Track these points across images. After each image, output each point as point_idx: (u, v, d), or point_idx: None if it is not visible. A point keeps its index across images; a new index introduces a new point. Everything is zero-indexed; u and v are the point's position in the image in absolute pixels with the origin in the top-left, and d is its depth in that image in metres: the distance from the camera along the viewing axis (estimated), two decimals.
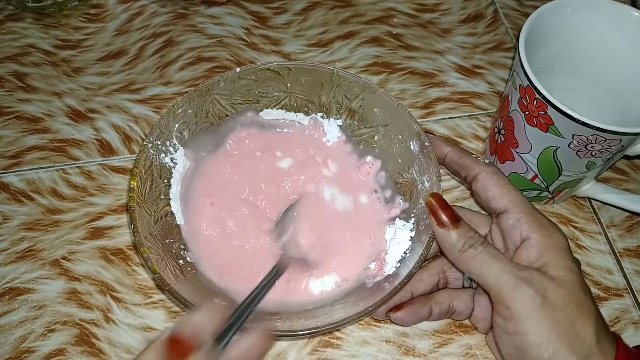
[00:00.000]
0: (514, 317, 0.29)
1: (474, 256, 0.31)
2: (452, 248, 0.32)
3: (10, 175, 0.44)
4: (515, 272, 0.30)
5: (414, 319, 0.36)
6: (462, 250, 0.31)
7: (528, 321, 0.29)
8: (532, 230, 0.32)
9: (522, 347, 0.29)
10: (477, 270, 0.31)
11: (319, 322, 0.32)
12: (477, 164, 0.34)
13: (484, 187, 0.34)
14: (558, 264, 0.31)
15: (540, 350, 0.29)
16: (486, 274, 0.30)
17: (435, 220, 0.32)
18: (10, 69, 0.50)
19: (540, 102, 0.35)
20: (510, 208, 0.32)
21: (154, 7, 0.55)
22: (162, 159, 0.38)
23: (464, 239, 0.31)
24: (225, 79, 0.39)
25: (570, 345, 0.29)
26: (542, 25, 0.38)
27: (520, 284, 0.29)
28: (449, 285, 0.37)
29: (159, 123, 0.37)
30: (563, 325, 0.29)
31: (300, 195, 0.40)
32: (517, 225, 0.32)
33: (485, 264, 0.30)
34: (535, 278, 0.30)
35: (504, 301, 0.30)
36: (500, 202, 0.33)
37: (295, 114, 0.42)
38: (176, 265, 0.34)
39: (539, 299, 0.29)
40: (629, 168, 0.47)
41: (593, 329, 0.29)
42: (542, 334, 0.29)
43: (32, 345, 0.37)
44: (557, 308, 0.29)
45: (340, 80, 0.40)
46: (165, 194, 0.38)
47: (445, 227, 0.32)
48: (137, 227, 0.33)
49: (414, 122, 0.37)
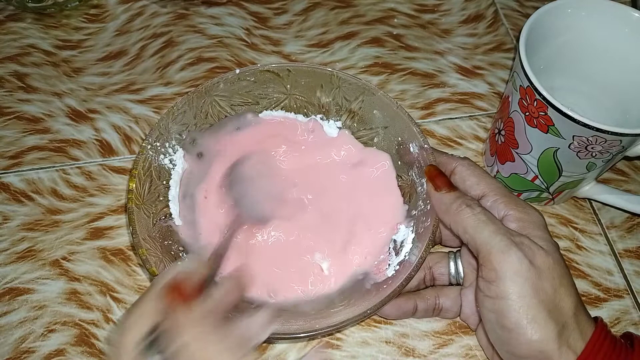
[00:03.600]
0: (498, 279, 0.29)
1: (470, 215, 0.31)
2: (449, 207, 0.32)
3: (11, 176, 0.44)
4: (507, 235, 0.30)
5: (398, 313, 0.36)
6: (459, 209, 0.32)
7: (512, 284, 0.29)
8: (509, 208, 0.32)
9: (502, 310, 0.29)
10: (472, 229, 0.31)
11: (317, 325, 0.32)
12: (452, 159, 0.36)
13: (461, 178, 0.35)
14: (539, 236, 0.31)
15: (519, 314, 0.29)
16: (480, 234, 0.30)
17: (433, 185, 0.34)
18: (10, 69, 0.50)
19: (541, 102, 0.35)
20: (487, 192, 0.34)
21: (154, 7, 0.55)
22: (161, 160, 0.38)
23: (460, 199, 0.32)
24: (225, 80, 0.39)
25: (550, 312, 0.29)
26: (542, 26, 0.38)
27: (510, 247, 0.30)
28: (435, 282, 0.38)
29: (158, 124, 0.37)
30: (545, 292, 0.29)
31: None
32: (494, 206, 0.33)
33: (481, 224, 0.31)
34: (525, 243, 0.30)
35: (492, 262, 0.30)
36: (477, 189, 0.34)
37: (295, 116, 0.42)
38: None
39: (525, 262, 0.29)
40: (629, 169, 0.47)
41: (572, 301, 0.30)
42: (524, 299, 0.29)
43: (32, 346, 0.37)
44: (542, 275, 0.29)
45: (340, 82, 0.40)
46: (164, 195, 0.38)
47: (442, 190, 0.33)
48: (136, 229, 0.33)
49: (414, 124, 0.37)
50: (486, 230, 0.30)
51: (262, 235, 0.38)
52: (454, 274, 0.37)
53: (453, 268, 0.37)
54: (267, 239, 0.38)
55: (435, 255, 0.38)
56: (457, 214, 0.32)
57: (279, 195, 0.40)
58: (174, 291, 0.28)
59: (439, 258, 0.38)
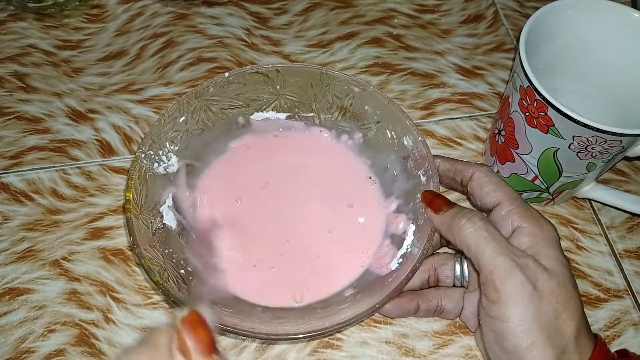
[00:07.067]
0: (500, 301, 0.29)
1: (472, 231, 0.31)
2: (451, 225, 0.32)
3: (11, 176, 0.44)
4: (511, 256, 0.30)
5: (400, 311, 0.36)
6: (459, 224, 0.31)
7: (513, 308, 0.29)
8: (523, 220, 0.32)
9: (502, 332, 0.29)
10: (474, 246, 0.31)
11: (327, 323, 0.31)
12: (470, 165, 0.35)
13: (479, 185, 0.34)
14: (549, 255, 0.31)
15: (519, 339, 0.29)
16: (482, 252, 0.30)
17: (432, 209, 0.34)
18: (10, 69, 0.50)
19: (541, 103, 0.35)
20: (502, 201, 0.33)
21: (155, 7, 0.55)
22: (155, 168, 0.37)
23: (459, 214, 0.32)
24: (215, 84, 0.39)
25: (549, 338, 0.29)
26: (542, 27, 0.38)
27: (514, 269, 0.29)
28: (439, 283, 0.38)
29: (151, 132, 0.37)
30: (547, 317, 0.29)
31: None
32: (508, 216, 0.33)
33: (483, 241, 0.30)
34: (529, 266, 0.30)
35: (494, 283, 0.29)
36: (494, 196, 0.34)
37: (286, 115, 0.42)
38: (177, 275, 0.34)
39: (529, 287, 0.29)
40: (629, 169, 0.47)
41: (575, 325, 0.29)
42: (525, 324, 0.29)
43: (32, 346, 0.37)
44: (545, 299, 0.29)
45: (330, 80, 0.40)
46: (160, 203, 0.37)
47: (441, 211, 0.33)
48: (137, 240, 0.33)
49: (406, 117, 0.37)
50: (488, 248, 0.30)
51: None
52: (459, 276, 0.37)
53: (459, 270, 0.37)
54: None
55: (441, 257, 0.38)
56: (459, 231, 0.31)
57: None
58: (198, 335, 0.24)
59: (444, 259, 0.38)
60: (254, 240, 0.39)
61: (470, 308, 0.36)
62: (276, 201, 0.40)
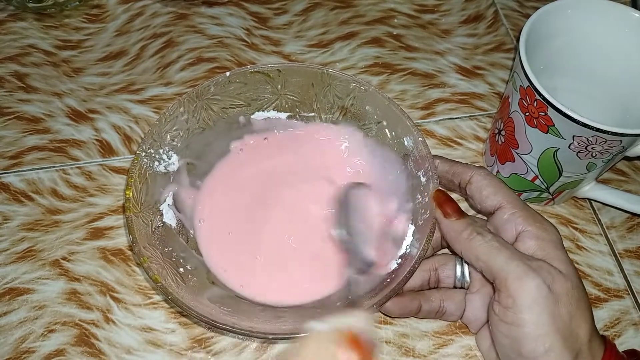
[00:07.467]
0: (515, 306, 0.29)
1: (482, 243, 0.31)
2: (459, 235, 0.32)
3: (11, 176, 0.44)
4: (524, 260, 0.30)
5: (402, 311, 0.36)
6: (469, 237, 0.31)
7: (529, 312, 0.29)
8: (528, 223, 0.32)
9: (518, 338, 0.29)
10: (485, 257, 0.30)
11: (326, 322, 0.31)
12: (469, 168, 0.35)
13: (478, 188, 0.34)
14: (558, 257, 0.31)
15: (536, 343, 0.28)
16: (494, 260, 0.30)
17: (442, 211, 0.33)
18: (10, 69, 0.50)
19: (541, 103, 0.35)
20: (504, 204, 0.33)
21: (155, 7, 0.55)
22: (155, 167, 0.37)
23: (471, 227, 0.32)
24: (216, 83, 0.39)
25: (565, 341, 0.28)
26: (542, 27, 0.38)
27: (528, 273, 0.29)
28: (440, 284, 0.38)
29: (151, 131, 0.37)
30: (562, 320, 0.29)
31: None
32: (511, 219, 0.32)
33: (494, 251, 0.30)
34: (544, 268, 0.29)
35: (509, 289, 0.29)
36: (494, 200, 0.33)
37: (287, 115, 0.42)
38: (177, 273, 0.34)
39: (544, 289, 0.29)
40: (629, 169, 0.47)
41: (588, 327, 0.29)
42: (541, 327, 0.28)
43: (32, 346, 0.37)
44: (560, 301, 0.29)
45: (331, 80, 0.40)
46: (160, 201, 0.37)
47: (451, 217, 0.33)
48: (136, 238, 0.33)
49: (407, 117, 0.37)
50: (500, 255, 0.30)
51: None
52: (459, 277, 0.37)
53: (459, 271, 0.37)
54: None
55: (441, 257, 0.38)
56: (468, 242, 0.31)
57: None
58: (354, 344, 0.27)
59: (445, 260, 0.37)
60: (255, 240, 0.39)
61: (472, 310, 0.36)
62: (277, 201, 0.40)
